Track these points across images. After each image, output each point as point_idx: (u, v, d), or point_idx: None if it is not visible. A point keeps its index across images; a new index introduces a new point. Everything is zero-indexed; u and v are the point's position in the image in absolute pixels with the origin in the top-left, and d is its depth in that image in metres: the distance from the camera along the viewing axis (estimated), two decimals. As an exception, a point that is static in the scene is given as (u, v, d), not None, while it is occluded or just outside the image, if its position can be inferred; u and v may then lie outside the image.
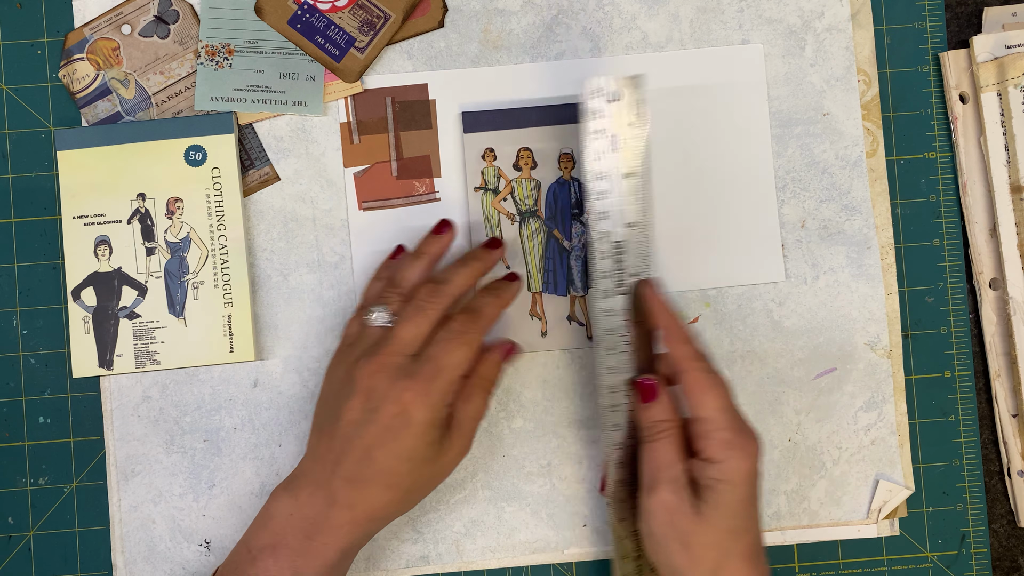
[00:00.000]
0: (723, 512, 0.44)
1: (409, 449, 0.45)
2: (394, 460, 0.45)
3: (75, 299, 0.53)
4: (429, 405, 0.45)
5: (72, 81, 0.54)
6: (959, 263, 0.55)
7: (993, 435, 0.55)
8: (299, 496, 0.45)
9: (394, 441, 0.44)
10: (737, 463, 0.44)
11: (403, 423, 0.44)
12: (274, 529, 0.45)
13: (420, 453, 0.45)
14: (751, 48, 0.54)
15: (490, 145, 0.53)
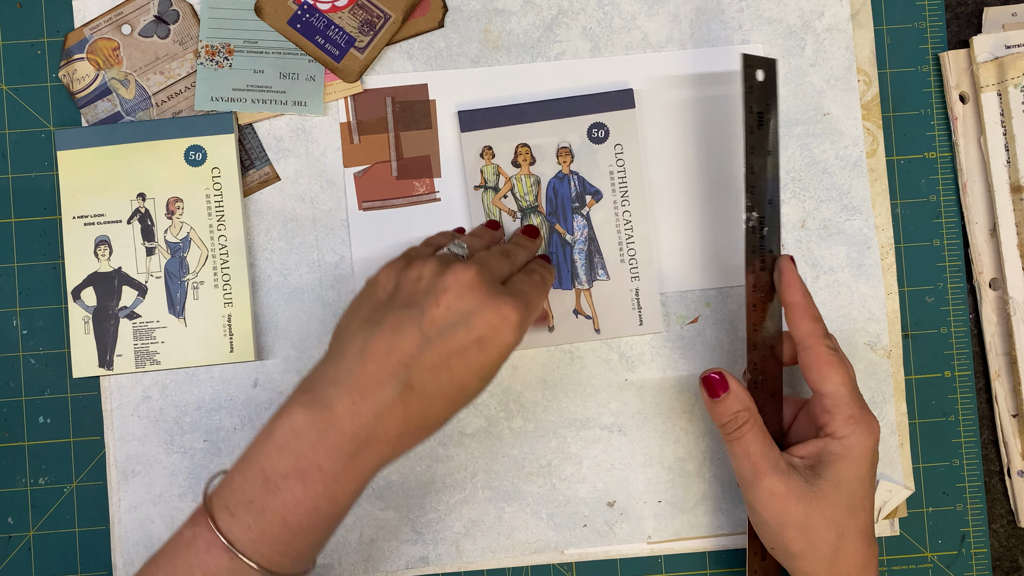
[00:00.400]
0: (843, 489, 0.44)
1: (489, 365, 0.41)
2: (469, 375, 0.40)
3: (75, 299, 0.53)
4: (520, 330, 0.41)
5: (72, 81, 0.54)
6: (959, 263, 0.55)
7: (993, 435, 0.55)
8: (335, 408, 0.39)
9: (480, 353, 0.40)
10: (861, 439, 0.44)
11: (496, 337, 0.40)
12: (300, 451, 0.39)
13: (491, 374, 0.41)
14: (752, 48, 0.54)
15: (488, 143, 0.53)
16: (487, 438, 0.54)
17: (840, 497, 0.44)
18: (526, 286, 0.44)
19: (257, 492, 0.39)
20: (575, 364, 0.54)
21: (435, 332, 0.40)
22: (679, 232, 0.54)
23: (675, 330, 0.54)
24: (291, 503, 0.38)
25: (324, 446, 0.39)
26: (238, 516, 0.39)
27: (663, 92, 0.54)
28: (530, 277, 0.45)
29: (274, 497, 0.38)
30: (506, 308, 0.41)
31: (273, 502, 0.38)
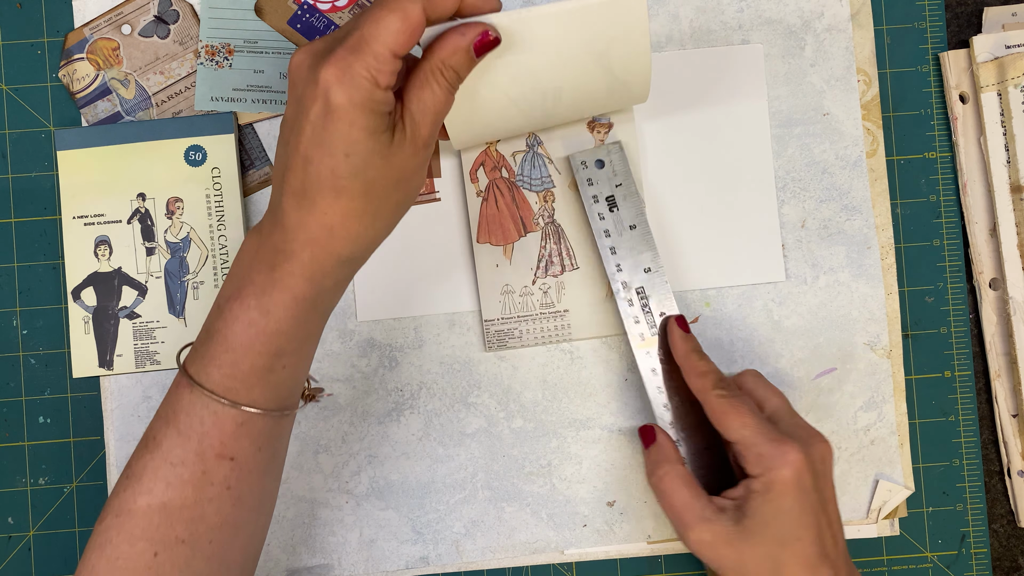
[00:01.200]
0: (770, 524, 0.44)
1: (343, 140, 0.37)
2: (330, 158, 0.38)
3: (75, 299, 0.53)
4: (349, 82, 0.37)
5: (72, 81, 0.54)
6: (959, 263, 0.55)
7: (993, 435, 0.55)
8: (261, 229, 0.40)
9: (324, 133, 0.38)
10: (776, 473, 0.44)
11: (326, 110, 0.37)
12: (239, 273, 0.40)
13: (357, 143, 0.38)
14: (751, 48, 0.54)
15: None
16: (487, 438, 0.54)
17: (768, 533, 0.44)
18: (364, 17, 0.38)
19: (211, 321, 0.40)
20: (575, 364, 0.54)
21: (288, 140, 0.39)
22: (679, 232, 0.54)
23: (675, 330, 0.54)
24: (230, 320, 0.39)
25: (256, 263, 0.40)
26: (197, 348, 0.41)
27: (663, 93, 0.54)
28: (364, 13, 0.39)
29: (219, 320, 0.40)
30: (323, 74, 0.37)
31: (219, 324, 0.40)
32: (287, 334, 0.40)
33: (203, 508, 0.40)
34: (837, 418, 0.54)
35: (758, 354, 0.54)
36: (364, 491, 0.54)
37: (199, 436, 0.40)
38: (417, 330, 0.54)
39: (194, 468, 0.40)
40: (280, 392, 0.41)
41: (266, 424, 0.41)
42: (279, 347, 0.40)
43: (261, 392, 0.40)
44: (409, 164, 0.39)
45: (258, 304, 0.39)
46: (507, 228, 0.53)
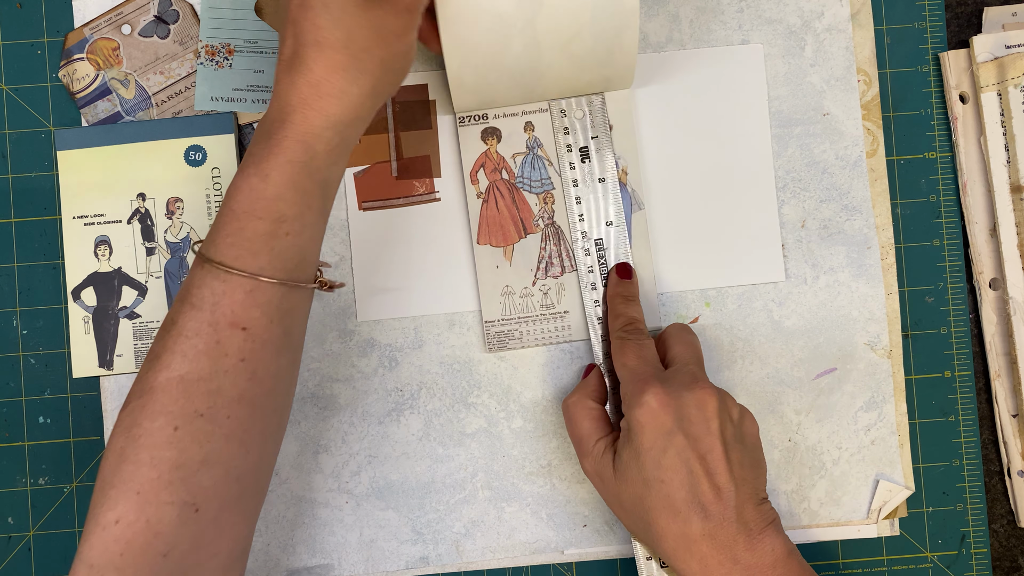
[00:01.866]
0: (631, 463, 0.45)
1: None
2: (312, 11, 0.40)
3: (75, 299, 0.53)
4: None
5: (72, 81, 0.54)
6: (959, 263, 0.55)
7: (993, 435, 0.55)
8: (268, 108, 0.42)
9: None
10: (632, 412, 0.45)
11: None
12: (250, 147, 0.42)
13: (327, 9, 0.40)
14: (751, 48, 0.54)
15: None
16: (487, 438, 0.54)
17: (633, 473, 0.45)
18: None
19: (222, 204, 0.42)
20: (575, 364, 0.54)
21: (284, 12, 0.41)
22: (679, 231, 0.54)
23: (675, 330, 0.54)
24: (233, 192, 0.41)
25: (256, 138, 0.42)
26: (209, 231, 0.42)
27: (663, 92, 0.54)
28: None
29: (226, 197, 0.41)
30: None
31: (225, 200, 0.41)
32: (285, 199, 0.41)
33: (219, 381, 0.40)
34: (837, 418, 0.54)
35: (758, 354, 0.54)
36: (364, 491, 0.54)
37: (211, 306, 0.40)
38: (417, 330, 0.54)
39: (208, 338, 0.40)
40: (286, 261, 0.41)
41: (276, 294, 0.41)
42: (279, 212, 0.41)
43: (267, 259, 0.41)
44: (389, 23, 0.41)
45: (256, 171, 0.40)
46: (507, 230, 0.53)
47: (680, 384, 0.46)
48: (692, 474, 0.44)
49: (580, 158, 0.53)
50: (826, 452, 0.54)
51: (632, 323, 0.50)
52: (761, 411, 0.54)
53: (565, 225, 0.53)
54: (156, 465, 0.39)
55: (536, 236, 0.53)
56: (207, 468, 0.40)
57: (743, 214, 0.54)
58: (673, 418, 0.44)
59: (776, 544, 0.44)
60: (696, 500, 0.44)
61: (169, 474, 0.39)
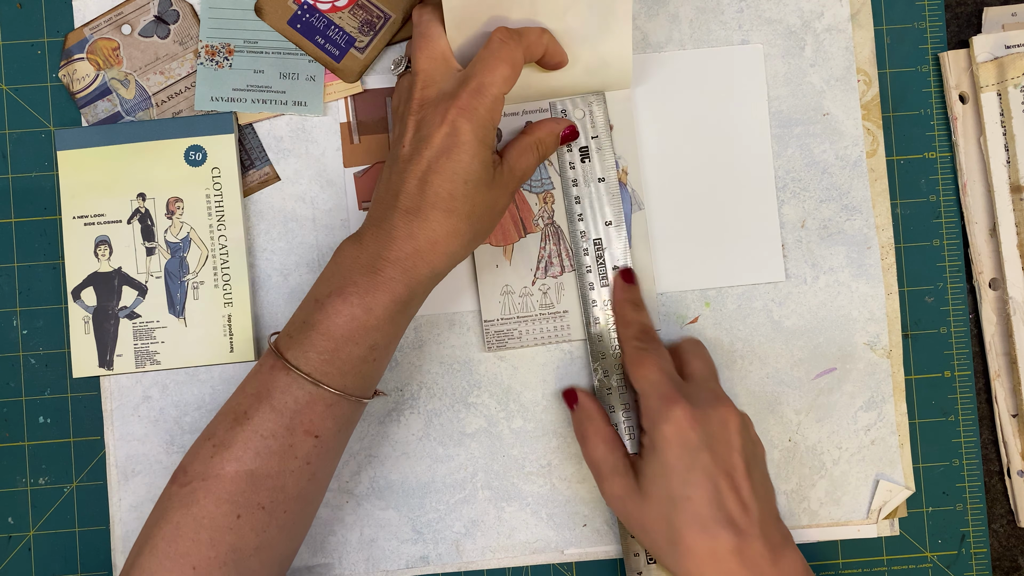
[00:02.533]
0: (658, 482, 0.45)
1: (464, 167, 0.44)
2: (449, 182, 0.44)
3: (75, 299, 0.53)
4: (476, 120, 0.44)
5: (72, 81, 0.54)
6: (959, 263, 0.55)
7: (993, 435, 0.55)
8: (363, 239, 0.45)
9: (447, 160, 0.44)
10: (657, 429, 0.46)
11: (453, 141, 0.44)
12: (340, 274, 0.45)
13: (475, 173, 0.44)
14: (751, 48, 0.54)
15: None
16: (487, 438, 0.54)
17: (659, 491, 0.45)
18: (480, 66, 0.45)
19: (309, 313, 0.45)
20: (575, 364, 0.54)
21: (406, 164, 0.45)
22: (679, 231, 0.54)
23: (675, 330, 0.54)
24: (332, 314, 0.44)
25: (358, 266, 0.45)
26: (292, 336, 0.45)
27: (663, 92, 0.54)
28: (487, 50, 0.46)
29: (320, 312, 0.44)
30: (451, 111, 0.44)
31: (319, 316, 0.44)
32: (382, 330, 0.45)
33: (284, 479, 0.44)
34: (837, 418, 0.54)
35: (758, 354, 0.54)
36: (364, 491, 0.54)
37: (292, 413, 0.44)
38: (417, 330, 0.54)
39: (283, 441, 0.44)
40: (368, 381, 0.46)
41: (348, 408, 0.45)
42: (375, 341, 0.44)
43: (353, 379, 0.45)
44: (501, 199, 0.47)
45: (361, 302, 0.44)
46: (507, 229, 0.53)
47: (704, 401, 0.46)
48: (719, 490, 0.44)
49: (580, 158, 0.53)
50: (826, 452, 0.54)
51: (645, 331, 0.50)
52: (761, 411, 0.54)
53: (565, 224, 0.53)
54: (215, 546, 0.43)
55: (536, 236, 0.53)
56: (259, 553, 0.44)
57: (743, 214, 0.54)
58: (699, 435, 0.45)
59: (795, 559, 0.45)
60: (725, 516, 0.44)
61: (225, 555, 0.43)
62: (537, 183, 0.53)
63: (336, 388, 0.44)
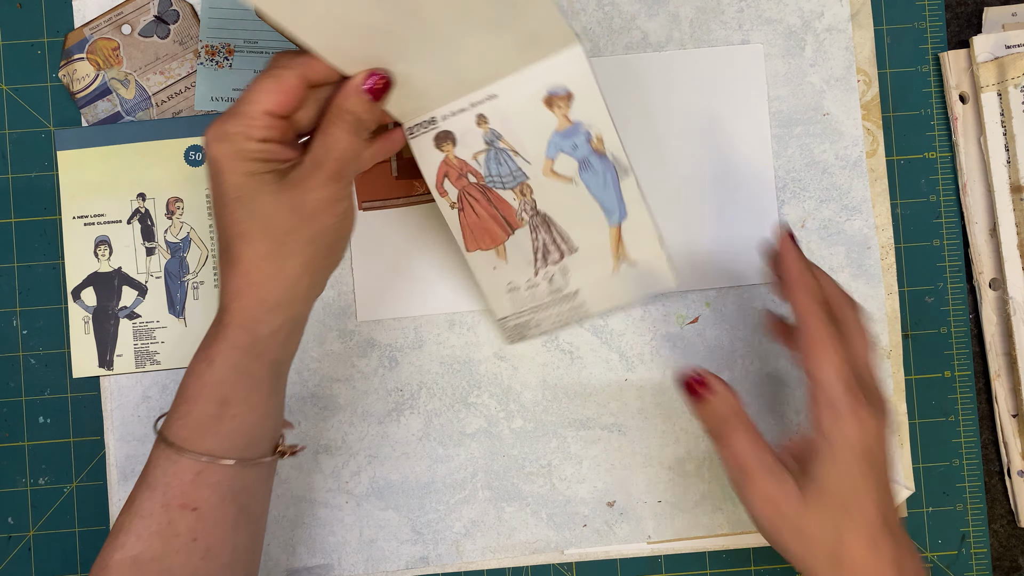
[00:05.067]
0: (834, 488, 0.40)
1: (230, 187, 0.40)
2: (227, 208, 0.41)
3: (75, 299, 0.53)
4: (224, 139, 0.40)
5: (72, 81, 0.54)
6: (959, 263, 0.55)
7: (993, 435, 0.55)
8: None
9: (217, 190, 0.41)
10: (846, 435, 0.40)
11: (214, 169, 0.41)
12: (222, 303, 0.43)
13: (244, 188, 0.40)
14: (751, 48, 0.54)
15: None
16: (487, 438, 0.54)
17: (832, 498, 0.41)
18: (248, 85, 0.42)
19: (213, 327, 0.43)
20: (575, 364, 0.54)
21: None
22: (679, 232, 0.54)
23: (675, 330, 0.54)
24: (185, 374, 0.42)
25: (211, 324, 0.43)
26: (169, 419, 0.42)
27: (663, 92, 0.54)
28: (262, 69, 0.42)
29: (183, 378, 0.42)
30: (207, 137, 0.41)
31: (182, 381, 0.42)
32: (230, 382, 0.41)
33: (171, 560, 0.41)
34: (837, 418, 0.54)
35: (758, 354, 0.54)
36: (364, 491, 0.54)
37: (163, 487, 0.41)
38: (417, 330, 0.54)
39: (160, 519, 0.41)
40: (235, 442, 0.42)
41: (227, 474, 0.42)
42: (224, 395, 0.41)
43: (215, 441, 0.41)
44: (310, 200, 0.41)
45: (204, 356, 0.41)
46: (493, 231, 0.51)
47: (876, 404, 0.42)
48: (882, 497, 0.41)
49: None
50: (826, 452, 0.54)
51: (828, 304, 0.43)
52: (761, 411, 0.54)
53: (551, 211, 0.51)
54: None
55: (524, 229, 0.51)
56: None
57: (743, 214, 0.54)
58: (874, 439, 0.41)
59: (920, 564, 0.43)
60: (887, 524, 0.41)
61: None
62: (508, 178, 0.50)
63: (198, 452, 0.41)
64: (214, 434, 0.41)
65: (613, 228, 0.50)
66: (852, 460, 0.40)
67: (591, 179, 0.49)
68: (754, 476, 0.42)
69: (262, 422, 0.43)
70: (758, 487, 0.42)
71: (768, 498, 0.41)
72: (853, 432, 0.40)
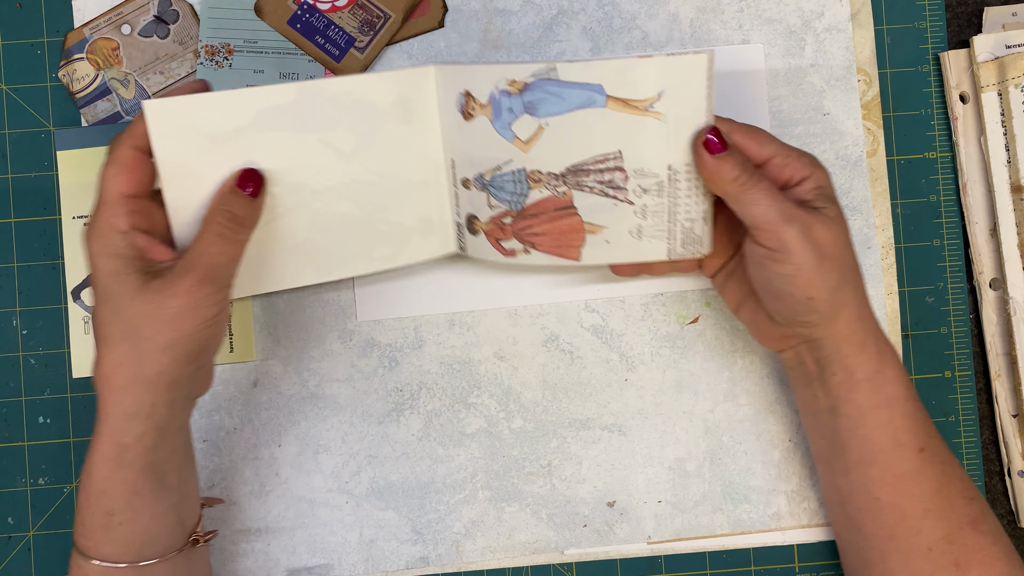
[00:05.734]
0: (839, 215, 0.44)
1: (102, 288, 0.41)
2: (97, 310, 0.41)
3: (75, 299, 0.53)
4: (92, 231, 0.41)
5: (72, 81, 0.54)
6: (959, 263, 0.55)
7: (993, 435, 0.55)
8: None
9: (93, 286, 0.41)
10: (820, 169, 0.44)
11: (91, 265, 0.41)
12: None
13: (109, 289, 0.41)
14: (752, 48, 0.54)
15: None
16: (487, 438, 0.54)
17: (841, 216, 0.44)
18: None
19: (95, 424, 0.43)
20: (575, 364, 0.54)
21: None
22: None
23: (675, 330, 0.54)
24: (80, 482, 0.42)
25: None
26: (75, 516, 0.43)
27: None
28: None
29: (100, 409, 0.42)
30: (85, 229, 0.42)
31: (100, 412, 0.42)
32: (108, 493, 0.41)
33: None
34: (837, 418, 0.54)
35: (758, 354, 0.54)
36: (364, 491, 0.54)
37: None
38: (417, 330, 0.54)
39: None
40: (129, 545, 0.42)
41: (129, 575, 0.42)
42: (106, 506, 0.42)
43: (109, 547, 0.42)
44: (172, 306, 0.40)
45: (86, 464, 0.42)
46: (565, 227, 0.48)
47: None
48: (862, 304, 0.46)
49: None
50: (826, 452, 0.54)
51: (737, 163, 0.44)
52: (761, 411, 0.54)
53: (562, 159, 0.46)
54: None
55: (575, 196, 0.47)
56: None
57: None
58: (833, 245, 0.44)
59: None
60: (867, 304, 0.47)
61: None
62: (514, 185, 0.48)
63: (96, 557, 0.42)
64: (107, 542, 0.42)
65: (610, 102, 0.44)
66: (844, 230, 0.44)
67: (552, 106, 0.45)
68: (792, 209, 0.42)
69: (154, 523, 0.42)
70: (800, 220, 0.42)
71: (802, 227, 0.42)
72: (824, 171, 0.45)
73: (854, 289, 0.44)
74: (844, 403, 0.45)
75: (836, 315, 0.44)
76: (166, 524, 0.43)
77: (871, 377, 0.45)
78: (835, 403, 0.45)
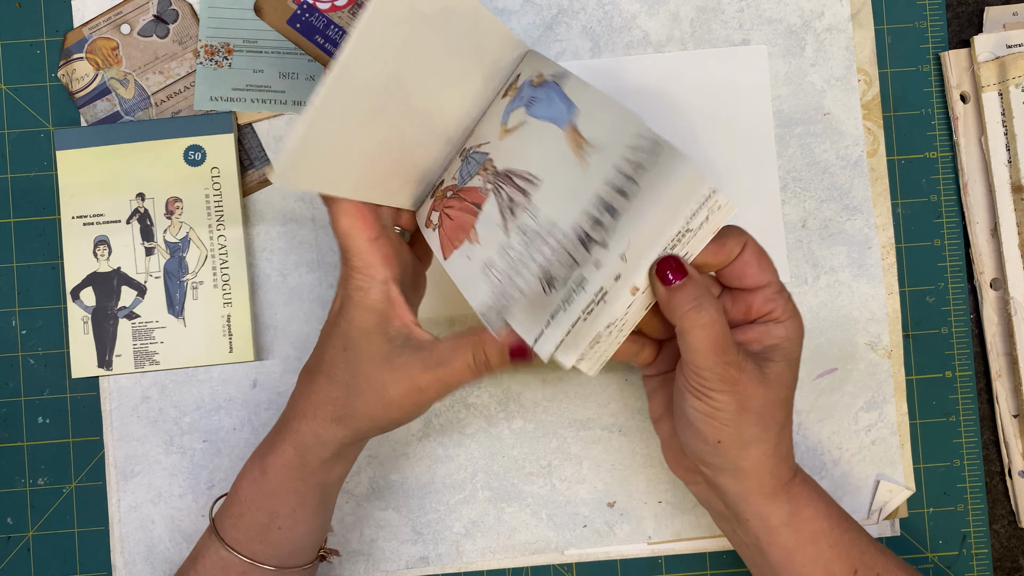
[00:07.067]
0: (785, 376, 0.42)
1: (345, 337, 0.42)
2: (333, 348, 0.43)
3: (74, 299, 0.53)
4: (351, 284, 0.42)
5: (71, 81, 0.54)
6: (960, 263, 0.55)
7: (994, 435, 0.55)
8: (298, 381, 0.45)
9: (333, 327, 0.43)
10: (799, 323, 0.42)
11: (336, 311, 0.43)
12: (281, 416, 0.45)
13: (358, 344, 0.42)
14: (754, 49, 0.54)
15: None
16: (487, 438, 0.54)
17: (782, 386, 0.41)
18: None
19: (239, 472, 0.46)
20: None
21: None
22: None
23: (675, 330, 0.54)
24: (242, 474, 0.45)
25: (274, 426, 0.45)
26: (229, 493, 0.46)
27: (664, 93, 0.54)
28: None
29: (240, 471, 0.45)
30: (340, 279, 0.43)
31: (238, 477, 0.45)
32: (279, 496, 0.44)
33: None
34: (838, 418, 0.54)
35: (758, 354, 0.54)
36: (364, 491, 0.53)
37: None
38: (417, 330, 0.54)
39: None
40: (279, 551, 0.45)
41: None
42: (273, 508, 0.44)
43: (260, 547, 0.44)
44: (403, 390, 0.42)
45: (259, 463, 0.44)
46: (463, 222, 0.45)
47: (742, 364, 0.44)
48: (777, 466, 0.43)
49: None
50: (827, 452, 0.54)
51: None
52: (761, 411, 0.54)
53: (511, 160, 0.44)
54: None
55: (489, 198, 0.45)
56: None
57: (746, 214, 0.54)
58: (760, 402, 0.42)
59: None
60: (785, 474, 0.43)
61: None
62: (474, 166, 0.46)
63: (245, 554, 0.44)
64: (261, 541, 0.44)
65: (567, 127, 0.42)
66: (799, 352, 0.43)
67: (539, 108, 0.44)
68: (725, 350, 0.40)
69: (306, 535, 0.45)
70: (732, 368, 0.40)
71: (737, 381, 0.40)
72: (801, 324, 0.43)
73: (774, 447, 0.42)
74: (767, 544, 0.44)
75: (743, 468, 0.42)
76: (314, 540, 0.46)
77: (788, 522, 0.43)
78: (757, 542, 0.44)
